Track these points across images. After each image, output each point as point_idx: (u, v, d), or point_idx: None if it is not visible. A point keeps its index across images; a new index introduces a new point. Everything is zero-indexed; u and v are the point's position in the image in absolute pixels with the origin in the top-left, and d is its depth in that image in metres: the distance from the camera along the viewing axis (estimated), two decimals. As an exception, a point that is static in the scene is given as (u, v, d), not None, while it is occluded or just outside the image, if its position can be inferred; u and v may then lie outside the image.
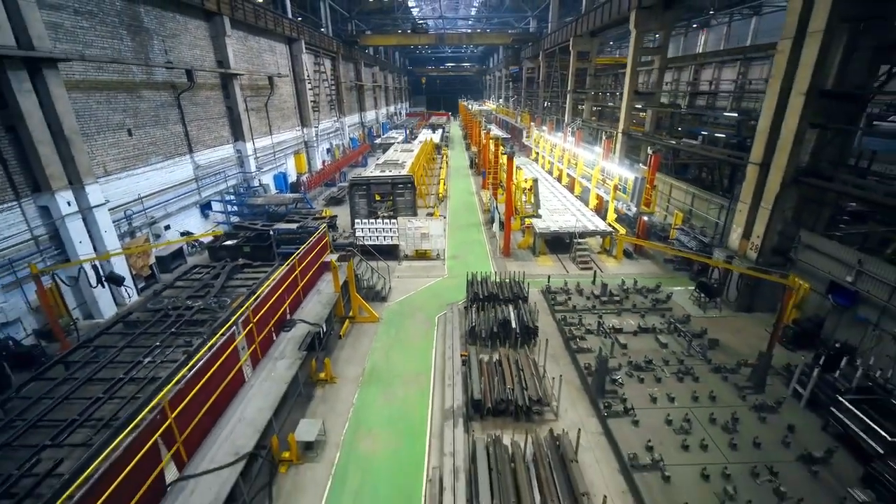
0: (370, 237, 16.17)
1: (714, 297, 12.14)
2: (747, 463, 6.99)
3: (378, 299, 13.40)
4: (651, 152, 15.49)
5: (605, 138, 21.95)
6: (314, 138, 31.11)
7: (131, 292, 12.96)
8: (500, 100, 69.02)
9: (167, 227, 15.99)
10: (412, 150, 27.60)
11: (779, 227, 11.54)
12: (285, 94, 27.65)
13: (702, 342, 10.17)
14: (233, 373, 7.73)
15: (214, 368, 7.11)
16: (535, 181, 17.58)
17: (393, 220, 16.20)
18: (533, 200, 17.36)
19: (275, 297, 9.44)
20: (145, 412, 6.09)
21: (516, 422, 8.15)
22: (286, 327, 9.92)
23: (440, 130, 46.42)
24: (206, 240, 16.41)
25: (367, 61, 50.92)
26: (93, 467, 4.96)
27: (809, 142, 11.08)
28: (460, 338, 10.69)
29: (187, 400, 6.42)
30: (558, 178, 26.42)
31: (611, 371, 9.06)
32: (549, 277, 13.71)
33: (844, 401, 7.59)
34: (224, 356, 7.41)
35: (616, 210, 17.76)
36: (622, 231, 16.32)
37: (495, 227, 19.43)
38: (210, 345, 7.30)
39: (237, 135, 21.27)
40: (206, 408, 6.92)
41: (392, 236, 16.20)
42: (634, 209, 16.24)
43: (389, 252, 16.27)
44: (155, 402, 6.19)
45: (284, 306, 10.08)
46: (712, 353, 9.85)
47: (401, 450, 7.98)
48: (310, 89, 30.33)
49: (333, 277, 11.64)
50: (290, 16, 28.38)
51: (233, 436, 6.99)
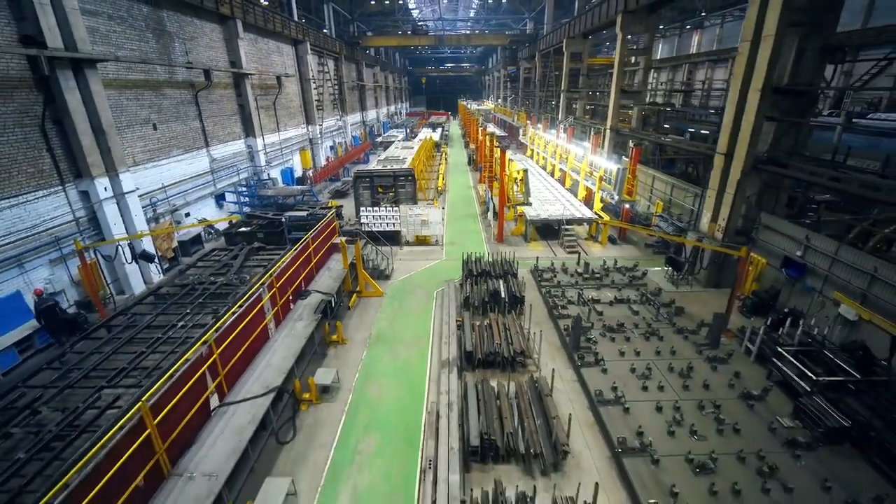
0: (374, 224, 17.52)
1: (679, 269, 13.47)
2: (696, 399, 8.31)
3: (382, 277, 14.75)
4: (632, 145, 16.83)
5: (593, 134, 23.28)
6: (318, 136, 32.48)
7: (159, 269, 14.30)
8: (499, 99, 70.29)
9: (187, 215, 17.34)
10: (412, 148, 28.82)
11: (742, 211, 12.88)
12: (292, 94, 29.02)
13: (669, 310, 11.49)
14: (260, 327, 9.07)
15: (249, 318, 8.47)
16: (526, 171, 18.95)
17: (395, 208, 17.55)
18: (524, 189, 18.70)
19: (293, 268, 10.78)
20: (196, 348, 7.37)
21: (503, 371, 9.46)
22: (302, 296, 11.27)
23: (440, 129, 47.76)
24: (222, 226, 17.75)
25: (369, 62, 52.30)
26: (154, 389, 6.21)
27: (768, 134, 12.46)
28: (456, 307, 12.01)
29: (230, 339, 7.75)
30: (551, 173, 27.73)
31: (586, 330, 10.39)
32: (538, 259, 15.05)
33: (783, 351, 8.94)
34: (254, 312, 8.76)
35: (602, 200, 19.09)
36: (607, 219, 17.66)
37: (490, 216, 20.76)
38: (243, 301, 8.64)
39: (248, 131, 22.65)
40: (240, 352, 8.26)
41: (394, 223, 17.56)
42: (617, 197, 17.57)
43: (392, 238, 17.61)
44: (203, 339, 7.44)
45: (300, 278, 11.42)
46: (678, 318, 11.18)
47: (404, 394, 9.33)
48: (314, 89, 31.69)
49: (343, 255, 12.99)
50: (296, 19, 29.74)
51: (262, 377, 8.33)
